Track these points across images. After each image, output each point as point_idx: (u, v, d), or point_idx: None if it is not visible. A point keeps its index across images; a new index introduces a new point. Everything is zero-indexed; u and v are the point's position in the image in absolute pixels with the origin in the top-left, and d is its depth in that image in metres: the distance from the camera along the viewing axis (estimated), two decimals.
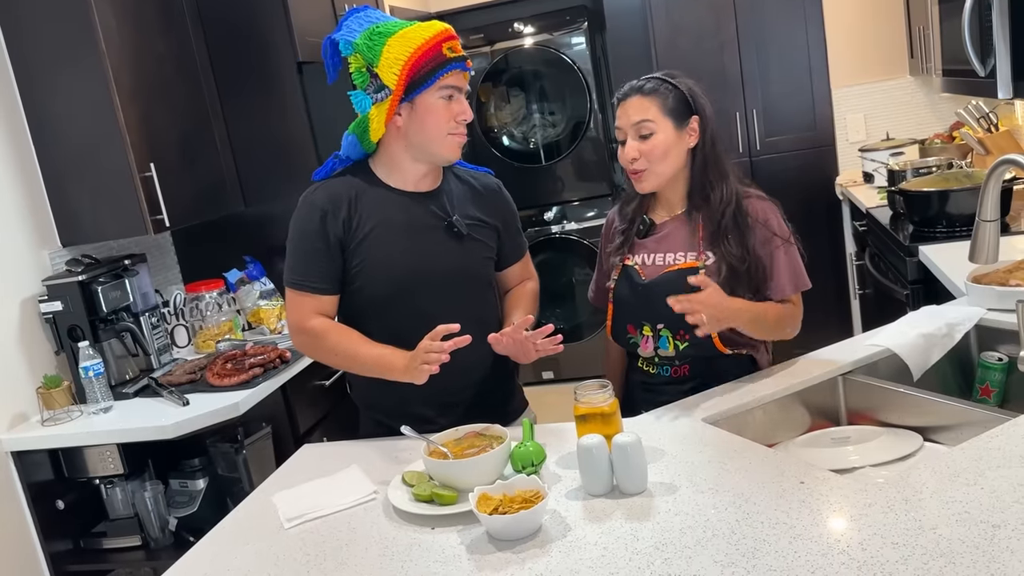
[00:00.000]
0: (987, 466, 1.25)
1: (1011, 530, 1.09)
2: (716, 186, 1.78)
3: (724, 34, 4.29)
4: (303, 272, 1.78)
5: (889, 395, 1.69)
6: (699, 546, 1.18)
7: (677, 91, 1.77)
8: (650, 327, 1.82)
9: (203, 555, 1.43)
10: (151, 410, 2.41)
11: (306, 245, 1.77)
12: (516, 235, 1.97)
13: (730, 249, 1.75)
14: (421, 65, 1.68)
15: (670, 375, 1.84)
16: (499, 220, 1.90)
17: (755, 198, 1.81)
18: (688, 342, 1.78)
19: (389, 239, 1.76)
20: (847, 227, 4.24)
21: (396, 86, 1.68)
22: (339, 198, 1.77)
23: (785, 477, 1.33)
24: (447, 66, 1.69)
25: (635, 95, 1.78)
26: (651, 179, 1.79)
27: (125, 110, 2.54)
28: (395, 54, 1.67)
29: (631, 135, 1.78)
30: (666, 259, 1.81)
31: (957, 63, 2.98)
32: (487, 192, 1.90)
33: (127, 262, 2.70)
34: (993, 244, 1.48)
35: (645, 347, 1.84)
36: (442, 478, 1.44)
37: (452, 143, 1.75)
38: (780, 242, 1.78)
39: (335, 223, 1.75)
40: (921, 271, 2.65)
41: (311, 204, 1.78)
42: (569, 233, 4.66)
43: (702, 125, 1.78)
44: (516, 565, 1.22)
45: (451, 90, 1.72)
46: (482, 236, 1.85)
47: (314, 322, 1.78)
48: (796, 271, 1.80)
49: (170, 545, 2.46)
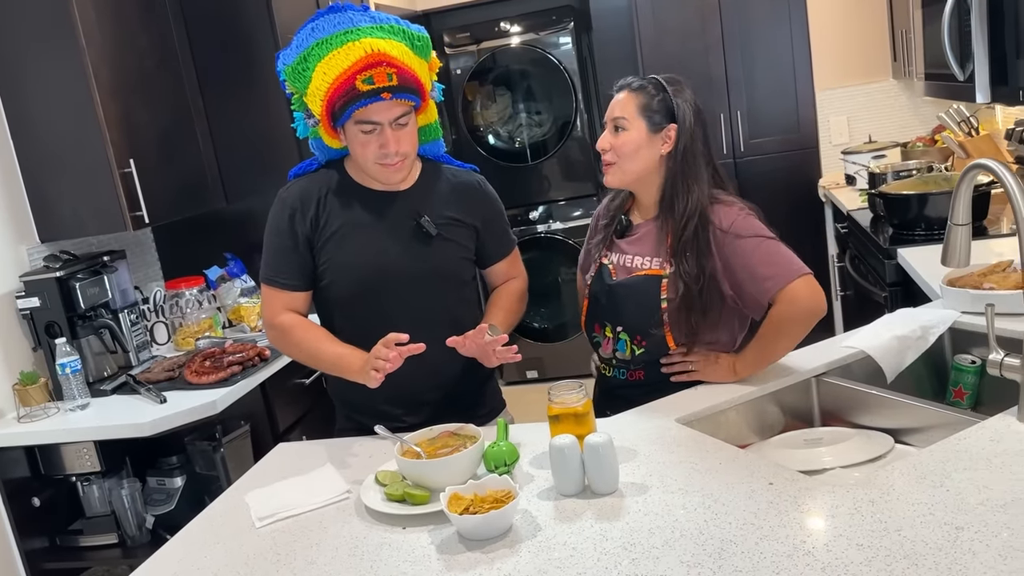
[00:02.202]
0: (953, 468, 1.26)
1: (974, 532, 1.10)
2: (682, 198, 1.74)
3: (709, 36, 4.30)
4: (274, 268, 1.80)
5: (862, 397, 1.70)
6: (667, 546, 1.19)
7: (663, 96, 1.76)
8: (611, 328, 1.83)
9: (173, 554, 1.42)
10: (129, 407, 2.40)
11: (277, 242, 1.80)
12: (500, 233, 1.94)
13: (687, 268, 1.71)
14: (335, 99, 1.67)
15: (625, 378, 1.84)
16: (478, 218, 1.87)
17: (724, 204, 1.74)
18: (644, 348, 1.78)
19: (355, 238, 1.77)
20: (829, 229, 4.26)
21: (321, 117, 1.72)
22: (309, 195, 1.79)
23: (754, 478, 1.34)
24: (358, 101, 1.65)
25: (624, 90, 1.79)
26: (617, 174, 1.80)
27: (105, 105, 2.53)
28: (315, 85, 1.68)
29: (608, 127, 1.79)
30: (635, 262, 1.82)
31: (938, 67, 3.00)
32: (466, 190, 1.88)
33: (106, 258, 2.69)
34: (964, 248, 1.48)
35: (606, 347, 1.85)
36: (415, 478, 1.44)
37: (381, 171, 1.74)
38: (754, 242, 1.70)
39: (303, 221, 1.77)
40: (900, 273, 2.66)
41: (283, 201, 1.81)
42: (554, 232, 4.66)
43: (678, 135, 1.75)
44: (485, 565, 1.22)
45: (368, 125, 1.68)
46: (456, 235, 1.83)
47: (283, 317, 1.80)
48: (776, 263, 1.69)
49: (147, 543, 2.45)
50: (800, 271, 1.68)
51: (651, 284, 1.76)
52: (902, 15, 3.76)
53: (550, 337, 4.76)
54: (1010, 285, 1.88)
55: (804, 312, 1.67)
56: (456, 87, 4.65)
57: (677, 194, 1.75)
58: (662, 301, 1.74)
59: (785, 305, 1.67)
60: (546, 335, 4.77)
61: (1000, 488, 1.19)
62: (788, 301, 1.67)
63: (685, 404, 1.68)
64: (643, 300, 1.76)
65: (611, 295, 1.82)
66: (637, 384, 1.81)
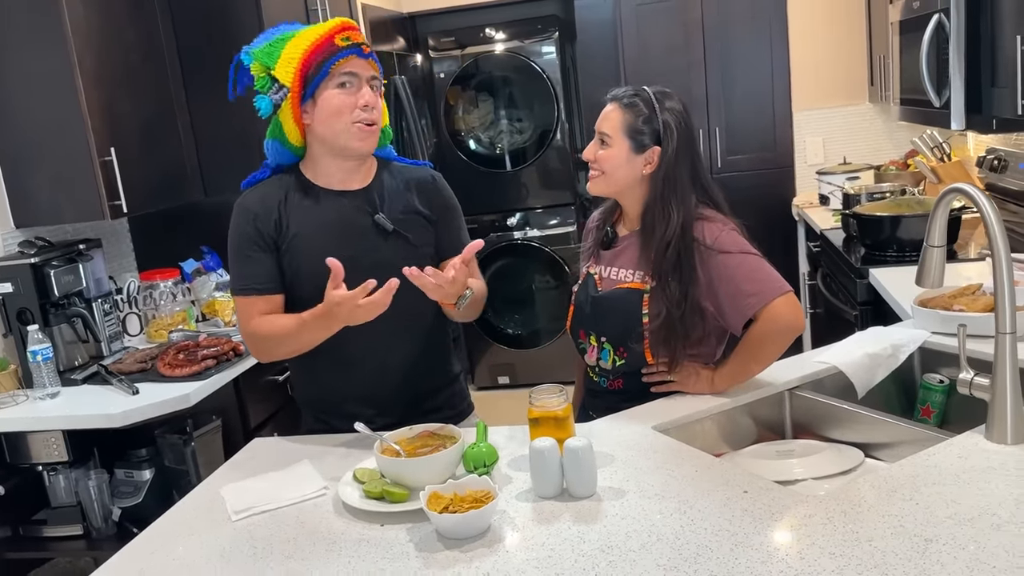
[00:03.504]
0: (923, 483, 1.30)
1: (942, 544, 1.13)
2: (661, 222, 1.73)
3: (692, 53, 4.36)
4: (247, 276, 1.75)
5: (834, 411, 1.74)
6: (643, 550, 1.21)
7: (653, 117, 1.74)
8: (595, 337, 1.85)
9: (148, 544, 1.41)
10: (99, 398, 2.38)
11: (244, 248, 1.75)
12: (456, 228, 1.90)
13: (670, 292, 1.71)
14: (313, 58, 1.67)
15: (606, 386, 1.86)
16: (433, 210, 1.85)
17: (708, 220, 1.75)
18: (625, 360, 1.80)
19: (316, 240, 1.73)
20: (801, 247, 4.33)
21: (292, 83, 1.69)
22: (270, 199, 1.76)
23: (730, 486, 1.36)
24: (338, 53, 1.67)
25: (615, 103, 1.79)
26: (599, 184, 1.81)
27: (88, 93, 2.51)
28: (289, 53, 1.68)
29: (596, 137, 1.80)
30: (619, 275, 1.83)
31: (914, 93, 3.07)
32: (420, 183, 1.86)
33: (82, 247, 2.66)
34: (939, 269, 1.52)
35: (590, 355, 1.87)
36: (394, 476, 1.45)
37: (357, 133, 1.71)
38: (738, 258, 1.71)
39: (267, 224, 1.74)
40: (871, 293, 2.72)
41: (244, 209, 1.77)
42: (531, 240, 4.69)
43: (661, 158, 1.74)
44: (463, 564, 1.23)
45: (347, 77, 1.69)
46: (413, 230, 1.81)
47: (256, 321, 1.75)
48: (759, 280, 1.70)
49: (112, 536, 2.43)
50: (782, 289, 1.69)
51: (633, 298, 1.77)
52: (881, 40, 3.85)
53: (523, 344, 4.78)
54: (979, 308, 1.93)
55: (784, 330, 1.69)
56: (439, 91, 4.66)
57: (657, 217, 1.74)
58: (643, 316, 1.75)
59: (766, 322, 1.69)
60: (519, 341, 4.79)
61: (968, 503, 1.22)
62: (769, 319, 1.68)
63: (662, 412, 1.71)
64: (625, 314, 1.78)
65: (595, 306, 1.84)
66: (616, 392, 1.83)
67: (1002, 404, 1.39)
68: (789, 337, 1.71)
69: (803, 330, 1.72)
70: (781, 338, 1.70)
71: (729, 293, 1.71)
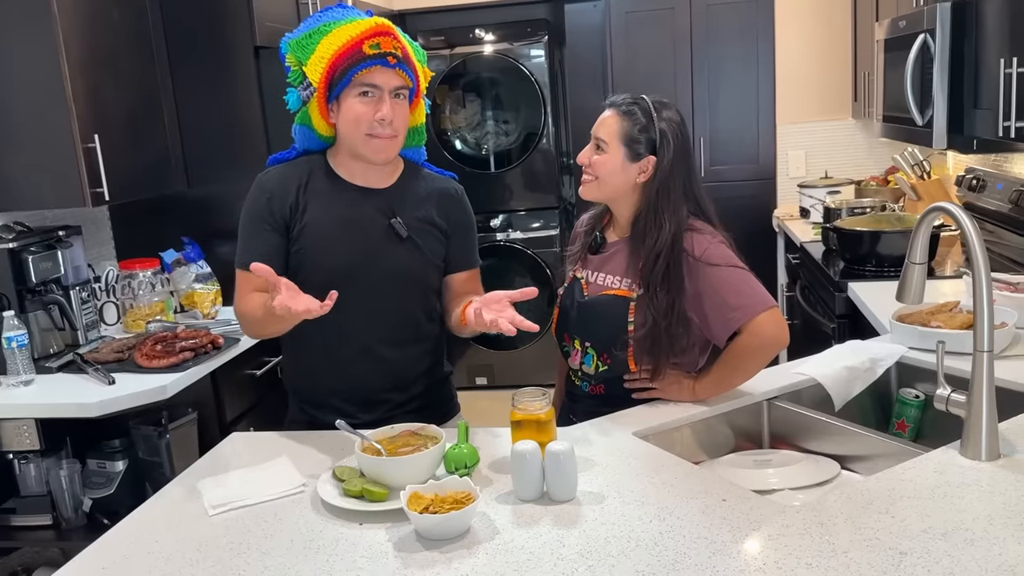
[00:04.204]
0: (899, 496, 1.32)
1: (917, 557, 1.15)
2: (652, 232, 1.74)
3: (679, 63, 4.39)
4: (248, 252, 1.74)
5: (811, 423, 1.76)
6: (622, 555, 1.21)
7: (650, 126, 1.75)
8: (580, 342, 1.86)
9: (124, 537, 1.40)
10: (75, 386, 2.35)
11: (253, 225, 1.76)
12: (468, 245, 1.91)
13: (658, 302, 1.72)
14: (339, 62, 1.68)
15: (588, 391, 1.87)
16: (450, 223, 1.86)
17: (697, 232, 1.75)
18: (608, 367, 1.81)
19: (329, 230, 1.75)
20: (780, 259, 4.37)
21: (319, 84, 1.70)
22: (289, 181, 1.77)
23: (709, 494, 1.37)
24: (363, 63, 1.66)
25: (613, 109, 1.79)
26: (592, 189, 1.81)
27: (73, 78, 2.48)
28: (321, 52, 1.68)
29: (592, 142, 1.80)
30: (606, 281, 1.83)
31: (897, 110, 3.11)
32: (443, 195, 1.87)
33: (61, 233, 2.63)
34: (919, 285, 1.54)
35: (574, 358, 1.88)
36: (374, 475, 1.44)
37: (371, 145, 1.72)
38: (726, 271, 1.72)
39: (282, 205, 1.75)
40: (849, 306, 2.75)
41: (261, 186, 1.78)
42: (513, 242, 4.69)
43: (656, 168, 1.75)
44: (443, 565, 1.23)
45: (368, 87, 1.68)
46: (427, 240, 1.82)
47: (246, 297, 1.74)
48: (745, 294, 1.70)
49: (82, 527, 2.40)
50: (767, 304, 1.70)
51: (619, 305, 1.78)
52: (866, 58, 3.89)
53: (502, 345, 4.77)
54: (956, 325, 1.96)
55: (768, 344, 1.70)
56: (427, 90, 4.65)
57: (649, 227, 1.75)
58: (629, 324, 1.76)
59: (751, 336, 1.69)
60: (498, 343, 4.78)
61: (942, 517, 1.24)
62: (754, 333, 1.69)
63: (642, 418, 1.72)
64: (610, 320, 1.78)
65: (581, 311, 1.85)
66: (597, 397, 1.84)
67: (978, 421, 1.41)
68: (772, 351, 1.72)
69: (787, 344, 1.73)
70: (764, 352, 1.72)
71: (715, 305, 1.72)
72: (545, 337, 4.70)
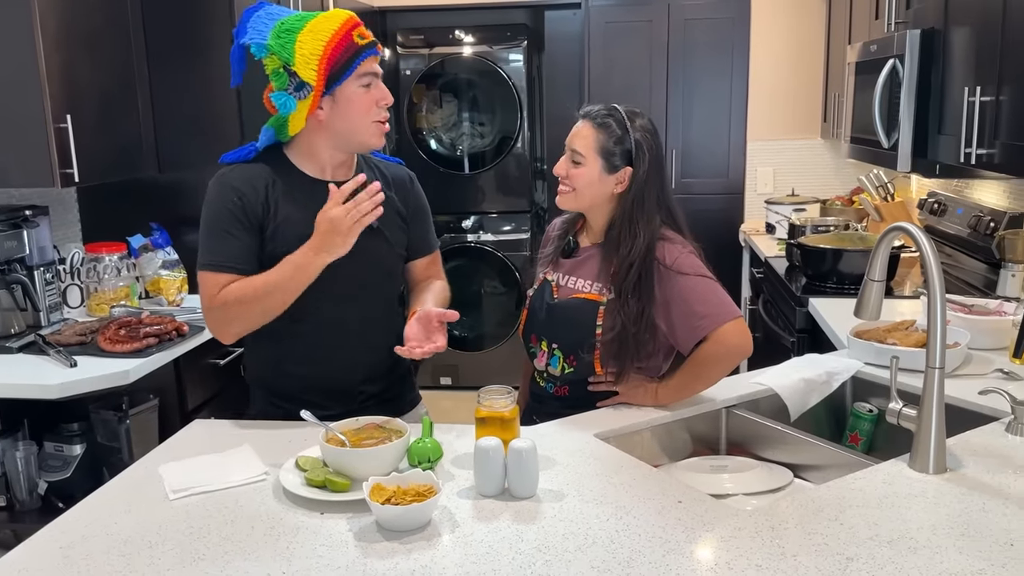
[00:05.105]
0: (848, 505, 1.36)
1: (862, 563, 1.19)
2: (627, 241, 1.77)
3: (655, 75, 4.45)
4: (222, 252, 1.71)
5: (767, 431, 1.80)
6: (579, 551, 1.24)
7: (625, 137, 1.78)
8: (547, 343, 1.88)
9: (81, 517, 1.40)
10: (35, 368, 2.32)
11: (224, 225, 1.72)
12: (426, 230, 1.96)
13: (628, 309, 1.76)
14: (337, 57, 1.68)
15: (552, 392, 1.90)
16: (409, 210, 1.90)
17: (669, 242, 1.79)
18: (574, 368, 1.84)
19: (304, 228, 1.72)
20: (745, 272, 4.44)
21: (316, 82, 1.69)
22: (257, 181, 1.74)
23: (665, 496, 1.40)
24: (361, 54, 1.71)
25: (588, 120, 1.80)
26: (569, 200, 1.84)
27: (48, 56, 2.45)
28: (309, 49, 1.67)
29: (567, 155, 1.83)
30: (577, 284, 1.86)
31: (865, 132, 3.19)
32: (398, 182, 1.90)
33: (28, 213, 2.60)
34: (877, 302, 1.59)
35: (540, 360, 1.90)
36: (338, 466, 1.46)
37: (377, 130, 1.76)
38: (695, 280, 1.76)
39: (254, 205, 1.72)
40: (809, 321, 2.81)
41: (228, 185, 1.74)
42: (484, 244, 4.71)
43: (632, 179, 1.79)
44: (402, 555, 1.25)
45: (369, 77, 1.73)
46: (394, 229, 1.85)
47: (223, 291, 1.71)
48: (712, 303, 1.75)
49: (36, 509, 2.37)
50: (734, 314, 1.75)
51: (589, 308, 1.81)
52: (837, 79, 3.98)
53: (468, 346, 4.80)
54: (911, 343, 2.02)
55: (733, 353, 1.75)
56: (404, 88, 4.66)
57: (623, 235, 1.78)
58: (597, 328, 1.79)
59: (716, 345, 1.73)
60: (464, 343, 4.80)
61: (889, 526, 1.28)
62: (719, 341, 1.73)
63: (604, 421, 1.75)
64: (579, 323, 1.81)
65: (550, 313, 1.87)
66: (561, 398, 1.87)
67: (927, 435, 1.46)
68: (736, 360, 1.76)
69: (750, 354, 1.78)
70: (728, 360, 1.76)
71: (683, 313, 1.75)
72: (511, 339, 4.74)
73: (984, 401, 1.75)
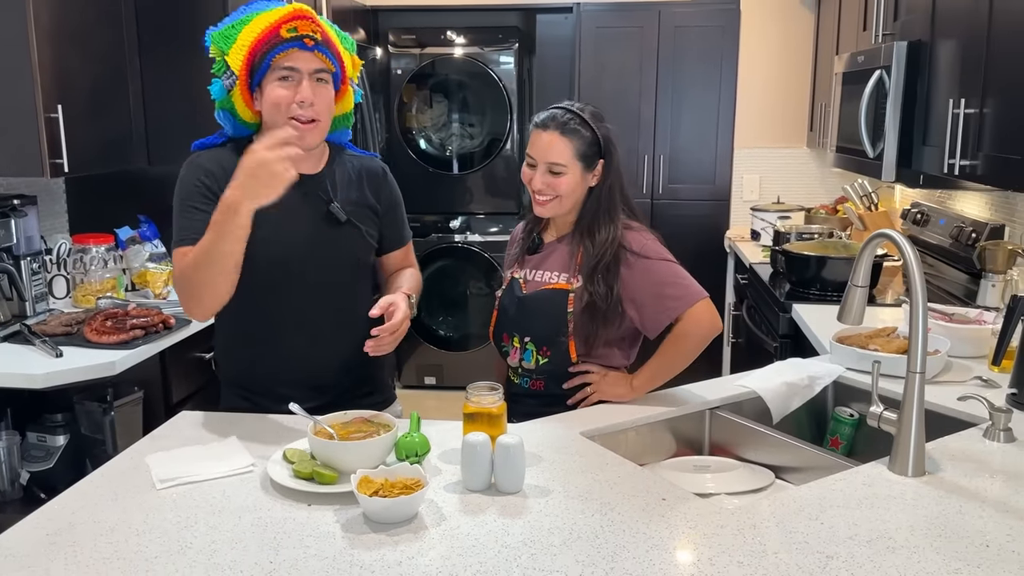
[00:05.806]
0: (828, 505, 1.38)
1: (842, 561, 1.21)
2: (603, 227, 1.85)
3: (645, 80, 4.49)
4: (190, 227, 1.69)
5: (749, 433, 1.83)
6: (564, 546, 1.25)
7: (593, 135, 1.85)
8: (519, 339, 1.91)
9: (68, 505, 1.40)
10: (20, 357, 2.31)
11: (190, 200, 1.72)
12: (400, 222, 1.97)
13: (598, 288, 1.82)
14: (258, 48, 1.69)
15: (528, 387, 1.93)
16: (382, 203, 1.90)
17: (634, 230, 1.87)
18: (548, 358, 1.88)
19: (266, 220, 1.68)
20: (730, 278, 4.48)
21: (240, 71, 1.71)
22: (226, 164, 1.71)
23: (649, 493, 1.42)
24: (279, 46, 1.67)
25: (555, 130, 1.83)
26: (554, 207, 1.88)
27: (40, 46, 2.45)
28: (241, 40, 1.70)
29: (542, 168, 1.85)
30: (544, 277, 1.92)
31: (850, 142, 3.22)
32: (371, 175, 1.90)
33: (16, 202, 2.59)
34: (860, 308, 1.62)
35: (513, 356, 1.93)
36: (325, 458, 1.46)
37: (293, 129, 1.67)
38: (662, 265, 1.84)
39: (222, 183, 1.66)
40: (792, 327, 2.84)
41: (197, 167, 1.75)
42: (471, 244, 4.73)
43: (605, 168, 1.87)
44: (389, 547, 1.26)
45: (287, 71, 1.69)
46: (363, 221, 1.85)
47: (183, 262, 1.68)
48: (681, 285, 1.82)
49: (18, 499, 2.36)
50: (702, 294, 1.84)
51: (559, 297, 1.87)
52: (824, 89, 4.02)
53: (452, 346, 4.80)
54: (892, 349, 2.05)
55: (705, 332, 1.82)
56: (395, 87, 4.67)
57: (599, 224, 1.86)
58: (568, 315, 1.86)
59: (688, 324, 1.81)
60: (448, 343, 4.81)
61: (868, 526, 1.31)
62: (692, 321, 1.81)
63: (590, 419, 1.77)
64: (550, 311, 1.87)
65: (520, 306, 1.91)
66: (537, 394, 1.90)
67: (906, 438, 1.49)
68: (708, 337, 1.83)
69: (720, 331, 1.84)
70: (702, 338, 1.82)
71: (653, 296, 1.82)
72: None
73: (963, 407, 1.78)
